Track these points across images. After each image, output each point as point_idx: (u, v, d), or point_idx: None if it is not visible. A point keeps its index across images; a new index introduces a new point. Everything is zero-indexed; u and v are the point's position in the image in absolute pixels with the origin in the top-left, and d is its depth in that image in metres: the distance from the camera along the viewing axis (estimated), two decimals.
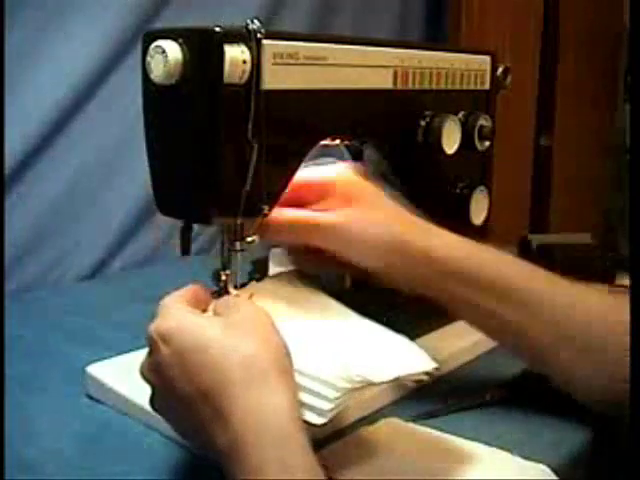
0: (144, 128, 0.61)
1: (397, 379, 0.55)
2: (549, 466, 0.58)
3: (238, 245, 0.61)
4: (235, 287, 0.62)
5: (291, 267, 0.78)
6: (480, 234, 0.83)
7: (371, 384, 0.54)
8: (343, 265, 0.64)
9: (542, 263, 1.03)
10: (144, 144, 0.62)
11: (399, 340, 0.60)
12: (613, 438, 0.66)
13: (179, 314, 0.52)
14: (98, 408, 0.67)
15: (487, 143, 0.79)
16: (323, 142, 0.70)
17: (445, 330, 0.81)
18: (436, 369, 0.57)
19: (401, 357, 0.58)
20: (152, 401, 0.53)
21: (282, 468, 0.45)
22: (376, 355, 0.57)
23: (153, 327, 0.51)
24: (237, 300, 0.56)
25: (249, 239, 0.61)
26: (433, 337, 0.79)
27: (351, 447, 0.61)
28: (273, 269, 0.86)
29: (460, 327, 0.82)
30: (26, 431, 0.62)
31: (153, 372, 0.51)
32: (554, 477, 0.58)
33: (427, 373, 0.57)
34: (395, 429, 0.64)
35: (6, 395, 0.64)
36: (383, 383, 0.55)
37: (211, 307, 0.56)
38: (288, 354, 0.51)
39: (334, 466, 0.57)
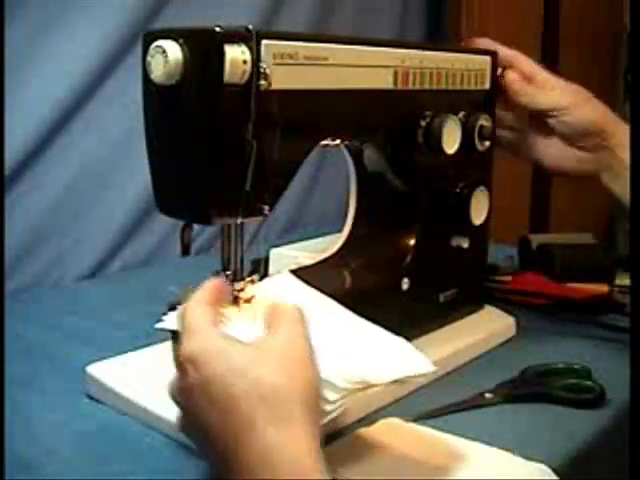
0: (144, 128, 0.61)
1: (396, 381, 0.55)
2: (549, 466, 0.58)
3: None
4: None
5: (291, 267, 0.78)
6: (480, 234, 0.83)
7: (370, 386, 0.54)
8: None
9: (542, 263, 1.04)
10: (144, 144, 0.62)
11: (397, 342, 0.60)
12: (613, 438, 0.66)
13: (208, 337, 0.50)
14: (98, 408, 0.67)
15: (487, 143, 0.80)
16: (323, 142, 0.70)
17: (445, 330, 0.81)
18: (434, 372, 0.57)
19: (400, 359, 0.58)
20: (180, 422, 0.52)
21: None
22: (375, 357, 0.57)
23: (183, 350, 0.50)
24: (286, 316, 0.52)
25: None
26: (433, 337, 0.79)
27: (351, 447, 0.61)
28: (273, 269, 0.86)
29: (460, 327, 0.83)
30: (26, 431, 0.62)
31: (182, 395, 0.50)
32: (554, 477, 0.58)
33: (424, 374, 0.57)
34: (395, 429, 0.64)
35: (6, 395, 0.64)
36: (382, 385, 0.54)
37: (248, 308, 0.55)
38: (318, 389, 0.49)
39: (334, 466, 0.57)
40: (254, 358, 0.48)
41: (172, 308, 0.61)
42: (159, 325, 0.59)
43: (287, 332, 0.51)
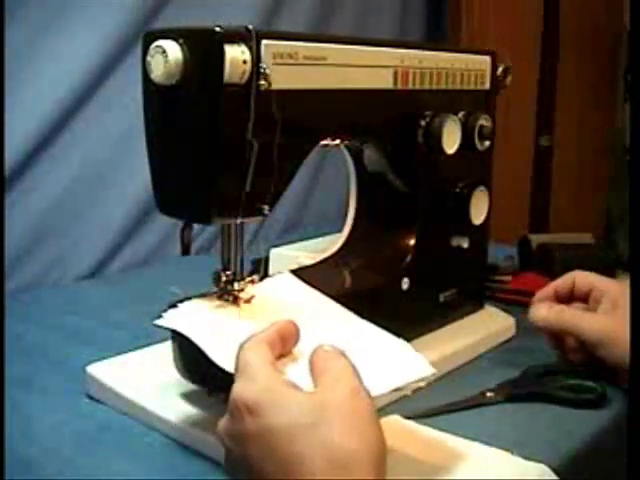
0: (144, 128, 0.61)
1: (396, 389, 0.55)
2: (549, 466, 0.58)
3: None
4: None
5: (291, 267, 0.78)
6: (480, 234, 0.83)
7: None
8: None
9: (542, 263, 1.04)
10: (144, 144, 0.62)
11: (397, 345, 0.59)
12: (613, 438, 0.66)
13: (269, 384, 0.47)
14: (98, 408, 0.67)
15: (487, 143, 0.79)
16: (323, 142, 0.70)
17: (445, 330, 0.81)
18: (434, 374, 0.56)
19: (399, 365, 0.57)
20: (225, 464, 0.50)
21: None
22: (375, 365, 0.56)
23: (238, 392, 0.47)
24: (339, 369, 0.49)
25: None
26: (434, 337, 0.79)
27: None
28: (273, 269, 0.86)
29: (460, 327, 0.83)
30: (26, 431, 0.62)
31: (233, 440, 0.48)
32: (554, 477, 0.58)
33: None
34: (395, 428, 0.64)
35: (6, 395, 0.64)
36: (382, 395, 0.53)
37: (305, 356, 0.52)
38: (384, 449, 0.46)
39: None
40: (322, 414, 0.45)
41: (173, 307, 0.61)
42: (158, 322, 0.59)
43: (349, 387, 0.48)
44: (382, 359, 0.58)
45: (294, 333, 0.54)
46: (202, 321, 0.59)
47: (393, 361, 0.58)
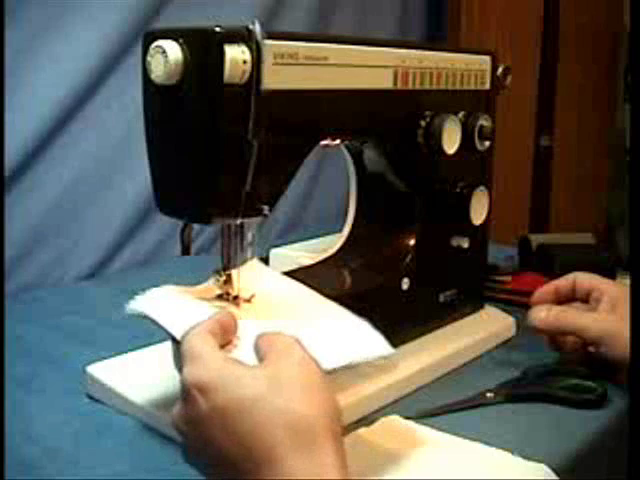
0: (144, 128, 0.61)
1: (350, 365, 0.55)
2: (549, 466, 0.58)
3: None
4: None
5: (291, 267, 0.78)
6: (480, 234, 0.83)
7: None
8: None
9: (542, 263, 1.04)
10: (144, 144, 0.62)
11: (358, 324, 0.59)
12: (613, 438, 0.66)
13: (217, 364, 0.48)
14: (98, 408, 0.67)
15: (487, 143, 0.79)
16: (323, 142, 0.70)
17: (445, 330, 0.81)
18: (394, 354, 0.57)
19: (356, 342, 0.57)
20: (186, 453, 0.50)
21: None
22: (331, 341, 0.57)
23: (189, 377, 0.47)
24: (284, 344, 0.50)
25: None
26: (434, 337, 0.79)
27: (351, 447, 0.61)
28: (273, 269, 0.86)
29: (460, 327, 0.83)
30: (26, 431, 0.62)
31: (189, 424, 0.48)
32: (554, 477, 0.58)
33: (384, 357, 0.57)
34: (395, 428, 0.64)
35: (6, 395, 0.64)
36: (335, 369, 0.53)
37: (247, 339, 0.53)
38: (340, 415, 0.48)
39: None
40: (274, 384, 0.46)
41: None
42: (129, 309, 0.59)
43: (297, 358, 0.48)
44: (340, 337, 0.58)
45: (233, 325, 0.54)
46: (169, 304, 0.60)
47: (351, 340, 0.58)
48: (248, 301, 0.63)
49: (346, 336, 0.58)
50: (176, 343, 0.60)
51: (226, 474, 0.46)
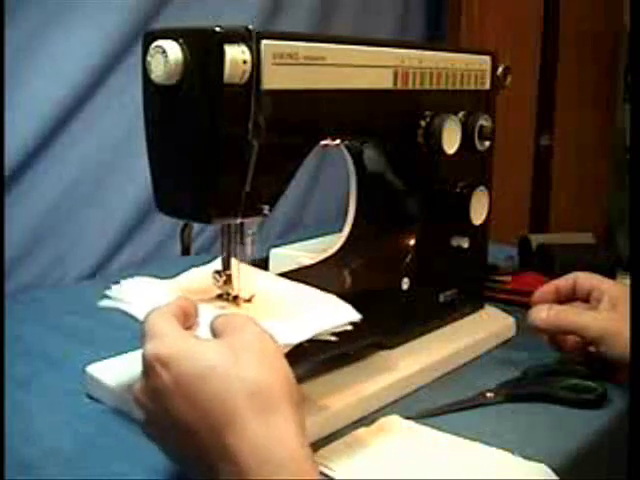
0: (144, 128, 0.61)
1: (318, 334, 0.56)
2: (549, 466, 0.58)
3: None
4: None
5: (291, 267, 0.78)
6: (480, 234, 0.83)
7: (291, 345, 0.55)
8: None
9: (542, 263, 1.04)
10: (144, 144, 0.62)
11: (323, 297, 0.61)
12: (613, 438, 0.66)
13: (177, 338, 0.50)
14: (98, 408, 0.67)
15: (487, 143, 0.79)
16: (323, 142, 0.70)
17: (445, 330, 0.81)
18: (361, 320, 0.58)
19: (321, 314, 0.59)
20: (145, 426, 0.51)
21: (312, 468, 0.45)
22: (297, 317, 0.59)
23: (150, 351, 0.49)
24: (240, 320, 0.53)
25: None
26: (434, 337, 0.79)
27: (351, 447, 0.61)
28: (273, 269, 0.86)
29: (460, 327, 0.83)
30: (26, 431, 0.62)
31: (150, 397, 0.49)
32: (554, 477, 0.58)
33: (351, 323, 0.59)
34: (395, 428, 0.64)
35: (6, 395, 0.64)
36: (304, 341, 0.55)
37: (206, 322, 0.54)
38: (295, 382, 0.49)
39: (334, 466, 0.57)
40: (231, 355, 0.48)
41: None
42: (101, 304, 0.62)
43: (253, 331, 0.51)
44: (305, 312, 0.60)
45: (193, 310, 0.56)
46: (138, 293, 0.62)
47: (316, 312, 0.60)
48: (248, 301, 0.63)
49: (311, 310, 0.60)
50: None
51: (188, 443, 0.47)
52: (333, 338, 0.58)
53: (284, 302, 0.63)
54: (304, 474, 0.45)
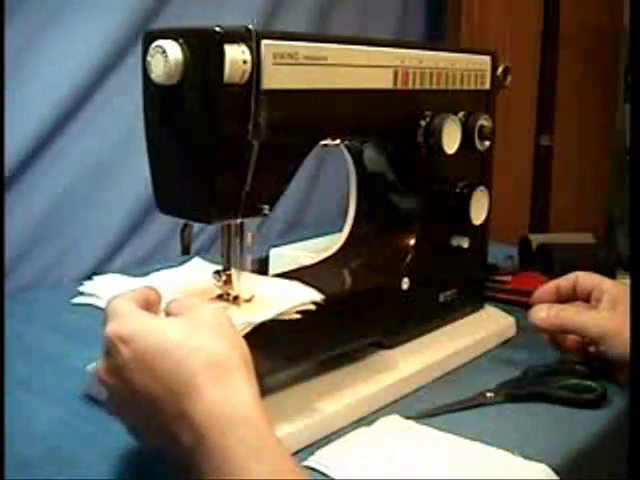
0: (144, 128, 0.61)
1: (282, 313, 0.58)
2: (549, 466, 0.58)
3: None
4: None
5: (291, 267, 0.78)
6: (480, 234, 0.83)
7: (253, 324, 0.56)
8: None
9: (542, 263, 1.04)
10: (144, 144, 0.62)
11: (286, 282, 0.63)
12: (613, 438, 0.66)
13: (136, 316, 0.52)
14: (98, 408, 0.66)
15: (487, 143, 0.79)
16: (323, 142, 0.70)
17: (445, 330, 0.81)
18: (323, 300, 0.60)
19: (284, 295, 0.61)
20: (108, 404, 0.54)
21: (248, 450, 0.46)
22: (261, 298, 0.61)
23: (111, 330, 0.51)
24: (193, 302, 0.56)
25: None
26: (434, 337, 0.79)
27: (351, 447, 0.61)
28: (273, 269, 0.86)
29: (460, 327, 0.83)
30: (26, 431, 0.62)
31: (112, 374, 0.51)
32: (554, 477, 0.58)
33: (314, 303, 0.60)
34: (395, 428, 0.64)
35: (6, 395, 0.64)
36: (267, 320, 0.57)
37: (162, 308, 0.56)
38: (248, 352, 0.52)
39: (334, 466, 0.57)
40: (188, 329, 0.51)
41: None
42: (75, 300, 0.63)
43: (206, 308, 0.54)
44: (268, 294, 0.62)
45: (156, 298, 0.57)
46: (114, 290, 0.61)
47: (278, 294, 0.62)
48: (248, 301, 0.63)
49: (274, 292, 0.62)
50: None
51: (149, 415, 0.49)
52: (297, 316, 0.59)
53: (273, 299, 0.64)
54: (259, 431, 0.47)
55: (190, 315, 0.53)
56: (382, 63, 0.70)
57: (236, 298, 0.63)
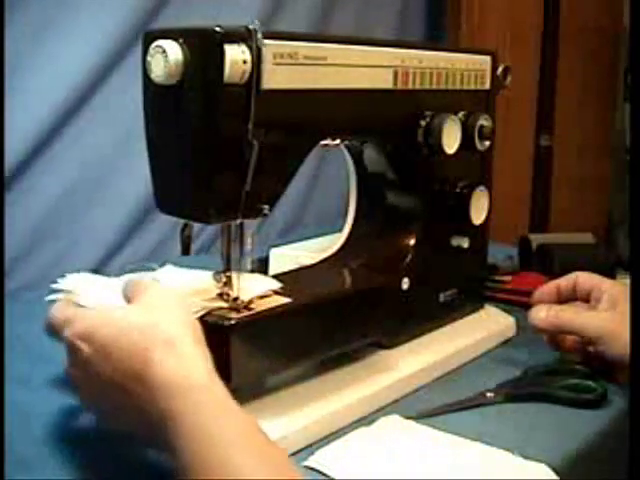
0: (144, 128, 0.61)
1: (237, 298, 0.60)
2: (549, 466, 0.58)
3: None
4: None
5: (291, 267, 0.78)
6: (480, 234, 0.83)
7: (210, 308, 0.59)
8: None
9: (542, 263, 1.04)
10: (144, 144, 0.62)
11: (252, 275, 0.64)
12: (613, 438, 0.66)
13: (86, 314, 0.56)
14: None
15: (487, 143, 0.79)
16: (323, 142, 0.70)
17: (445, 330, 0.81)
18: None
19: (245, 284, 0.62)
20: (82, 400, 0.57)
21: (215, 410, 0.48)
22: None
23: (68, 333, 0.54)
24: (143, 284, 0.58)
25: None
26: (434, 337, 0.79)
27: (351, 447, 0.61)
28: (273, 269, 0.86)
29: (460, 327, 0.83)
30: (26, 431, 0.62)
31: (79, 371, 0.54)
32: (554, 477, 0.58)
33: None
34: (395, 428, 0.64)
35: (6, 395, 0.64)
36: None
37: (120, 292, 0.59)
38: (200, 329, 0.53)
39: (334, 466, 0.57)
40: (138, 313, 0.53)
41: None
42: (50, 297, 0.65)
43: (157, 290, 0.56)
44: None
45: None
46: (88, 286, 0.66)
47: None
48: (249, 302, 0.63)
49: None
50: None
51: (119, 402, 0.52)
52: None
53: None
54: (218, 396, 0.49)
55: (140, 298, 0.55)
56: (382, 63, 0.70)
57: (236, 299, 0.63)
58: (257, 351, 0.60)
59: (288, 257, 0.86)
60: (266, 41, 0.57)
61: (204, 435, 0.47)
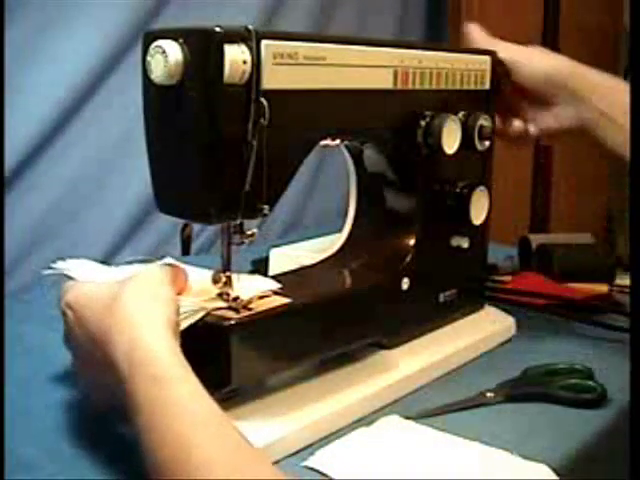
0: (144, 128, 0.61)
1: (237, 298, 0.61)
2: (549, 466, 0.58)
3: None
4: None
5: (291, 267, 0.78)
6: (480, 234, 0.83)
7: (207, 309, 0.59)
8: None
9: (542, 263, 1.04)
10: (144, 144, 0.62)
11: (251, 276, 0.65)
12: (613, 438, 0.66)
13: (79, 285, 0.62)
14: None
15: (487, 143, 0.80)
16: (323, 142, 0.70)
17: (445, 330, 0.81)
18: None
19: (243, 285, 0.63)
20: (74, 367, 0.62)
21: (170, 358, 0.50)
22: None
23: (61, 301, 0.61)
24: (141, 269, 0.62)
25: (249, 232, 0.63)
26: (434, 337, 0.79)
27: (350, 447, 0.61)
28: (273, 269, 0.86)
29: (460, 327, 0.83)
30: (26, 431, 0.62)
31: (71, 335, 0.60)
32: (554, 477, 0.58)
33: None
34: (395, 427, 0.64)
35: (6, 395, 0.64)
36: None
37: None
38: (178, 327, 0.55)
39: (334, 466, 0.57)
40: (119, 290, 0.56)
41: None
42: (46, 272, 0.70)
43: (143, 274, 0.58)
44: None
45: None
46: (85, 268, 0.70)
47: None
48: (249, 302, 0.63)
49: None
50: None
51: (106, 355, 0.53)
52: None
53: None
54: (174, 367, 0.50)
55: (128, 280, 0.57)
56: (382, 63, 0.70)
57: (236, 299, 0.63)
58: (257, 351, 0.60)
59: (288, 257, 0.86)
60: (266, 41, 0.57)
61: (159, 408, 0.49)
